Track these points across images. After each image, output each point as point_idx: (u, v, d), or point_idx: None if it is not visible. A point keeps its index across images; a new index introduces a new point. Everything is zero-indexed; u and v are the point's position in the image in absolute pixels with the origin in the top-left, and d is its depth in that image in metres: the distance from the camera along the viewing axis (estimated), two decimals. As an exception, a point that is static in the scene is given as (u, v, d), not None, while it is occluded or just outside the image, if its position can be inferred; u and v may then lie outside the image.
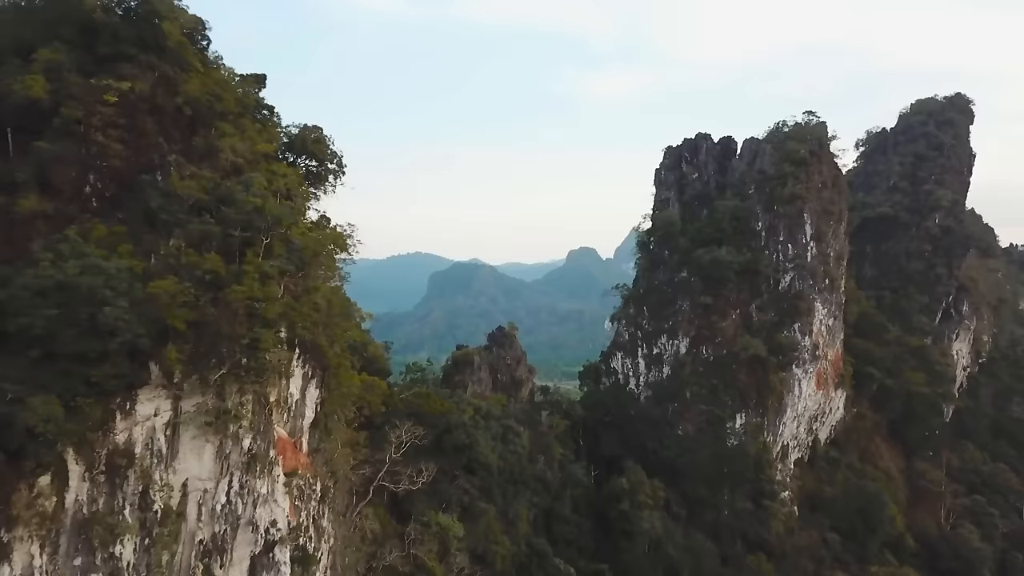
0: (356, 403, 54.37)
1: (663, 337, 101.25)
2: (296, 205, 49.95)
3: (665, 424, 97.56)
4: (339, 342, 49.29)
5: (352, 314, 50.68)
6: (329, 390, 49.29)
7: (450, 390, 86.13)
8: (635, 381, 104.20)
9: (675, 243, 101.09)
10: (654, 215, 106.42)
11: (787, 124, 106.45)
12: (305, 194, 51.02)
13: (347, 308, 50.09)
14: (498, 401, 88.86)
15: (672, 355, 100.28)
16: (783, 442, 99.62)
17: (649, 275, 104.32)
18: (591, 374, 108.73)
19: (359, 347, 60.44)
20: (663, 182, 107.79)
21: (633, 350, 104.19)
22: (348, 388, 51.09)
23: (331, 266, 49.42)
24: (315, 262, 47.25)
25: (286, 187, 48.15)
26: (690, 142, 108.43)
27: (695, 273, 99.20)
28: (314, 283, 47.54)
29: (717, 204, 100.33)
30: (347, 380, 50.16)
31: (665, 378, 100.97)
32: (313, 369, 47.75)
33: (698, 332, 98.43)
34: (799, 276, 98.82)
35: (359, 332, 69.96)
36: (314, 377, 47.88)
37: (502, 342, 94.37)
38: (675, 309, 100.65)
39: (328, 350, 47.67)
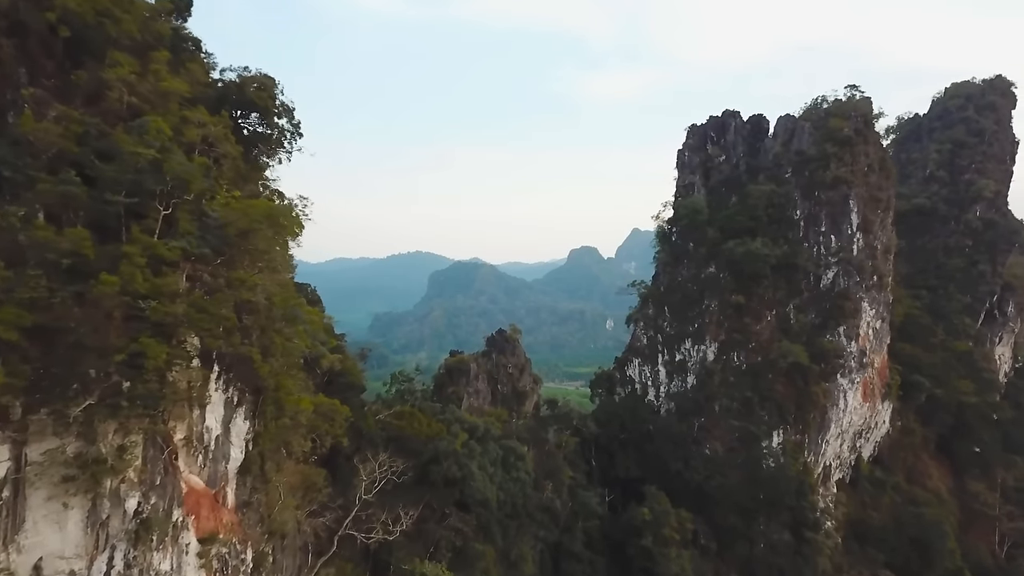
0: (311, 433, 40.77)
1: (687, 341, 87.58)
2: (223, 169, 36.36)
3: (690, 442, 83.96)
4: (281, 355, 35.65)
5: (299, 317, 36.91)
6: (266, 420, 35.70)
7: (441, 404, 72.62)
8: (654, 392, 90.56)
9: (701, 233, 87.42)
10: (676, 202, 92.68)
11: (827, 100, 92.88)
12: (236, 154, 37.38)
13: (293, 311, 36.39)
14: (498, 417, 75.33)
15: (698, 362, 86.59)
16: (825, 462, 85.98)
17: (671, 270, 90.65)
18: (604, 383, 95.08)
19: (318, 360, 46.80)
20: (686, 165, 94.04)
21: (652, 356, 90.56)
22: (296, 416, 37.48)
23: (272, 251, 35.75)
24: (245, 245, 33.62)
25: (205, 140, 34.51)
26: (716, 120, 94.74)
27: (725, 268, 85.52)
28: (245, 275, 33.92)
29: (750, 189, 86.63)
30: (293, 405, 36.56)
31: (690, 389, 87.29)
32: (241, 393, 34.20)
33: (728, 336, 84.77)
34: (843, 272, 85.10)
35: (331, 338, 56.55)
36: (242, 404, 34.34)
37: (503, 347, 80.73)
38: (701, 309, 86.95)
39: (263, 366, 34.04)
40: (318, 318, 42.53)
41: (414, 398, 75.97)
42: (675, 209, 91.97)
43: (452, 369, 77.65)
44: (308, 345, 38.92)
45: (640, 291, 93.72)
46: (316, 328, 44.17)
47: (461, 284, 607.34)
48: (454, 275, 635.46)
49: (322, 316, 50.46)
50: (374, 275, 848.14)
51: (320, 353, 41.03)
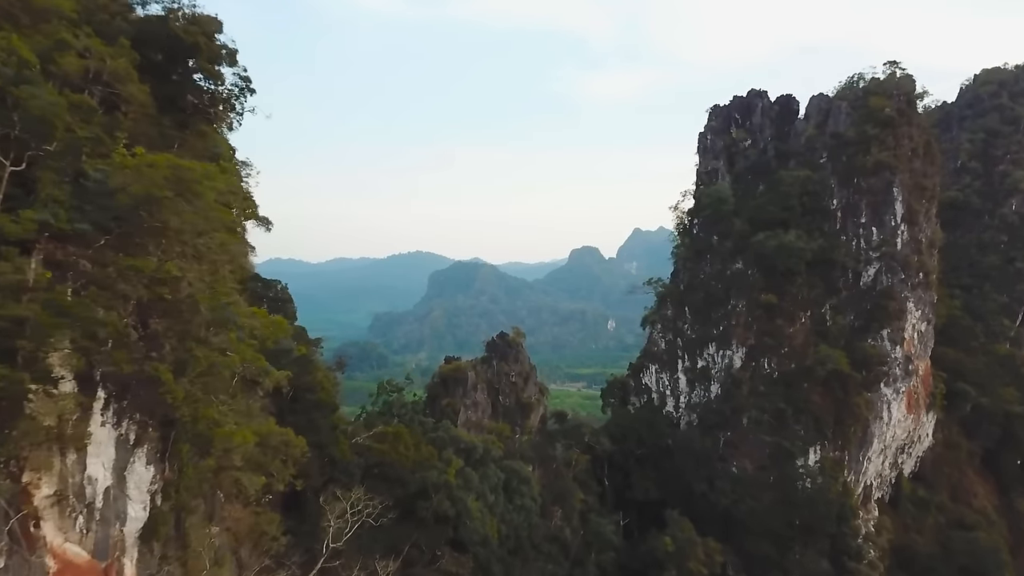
0: (256, 472, 30.84)
1: (711, 346, 77.71)
2: (126, 119, 26.52)
3: (715, 459, 74.13)
4: (205, 373, 25.74)
5: (232, 320, 27.03)
6: (183, 463, 25.82)
7: (435, 419, 62.80)
8: (673, 402, 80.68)
9: (727, 225, 77.54)
10: (698, 190, 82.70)
11: (863, 78, 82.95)
12: (145, 100, 27.51)
13: (224, 312, 26.55)
14: (499, 433, 65.54)
15: (723, 369, 76.71)
16: (866, 482, 76.16)
17: (692, 267, 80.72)
18: (616, 392, 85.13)
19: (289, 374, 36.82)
20: (709, 149, 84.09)
21: (671, 362, 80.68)
22: (229, 453, 27.62)
23: (193, 230, 25.81)
24: (150, 221, 23.75)
25: (96, 76, 24.65)
26: (741, 101, 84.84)
27: (753, 264, 75.71)
28: (149, 263, 24.06)
29: (782, 175, 76.73)
30: (223, 440, 26.67)
31: (714, 399, 77.43)
32: (142, 428, 24.33)
33: (758, 340, 74.89)
34: (886, 268, 75.26)
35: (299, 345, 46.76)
36: (144, 443, 24.46)
37: (504, 352, 70.86)
38: (727, 310, 77.07)
39: (176, 390, 24.15)
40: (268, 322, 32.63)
41: (403, 412, 66.16)
42: (697, 198, 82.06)
43: (447, 378, 67.82)
44: (248, 358, 29.06)
45: (657, 290, 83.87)
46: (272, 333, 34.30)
47: (461, 284, 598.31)
48: (454, 275, 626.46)
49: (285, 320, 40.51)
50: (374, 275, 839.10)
51: (261, 370, 31.23)
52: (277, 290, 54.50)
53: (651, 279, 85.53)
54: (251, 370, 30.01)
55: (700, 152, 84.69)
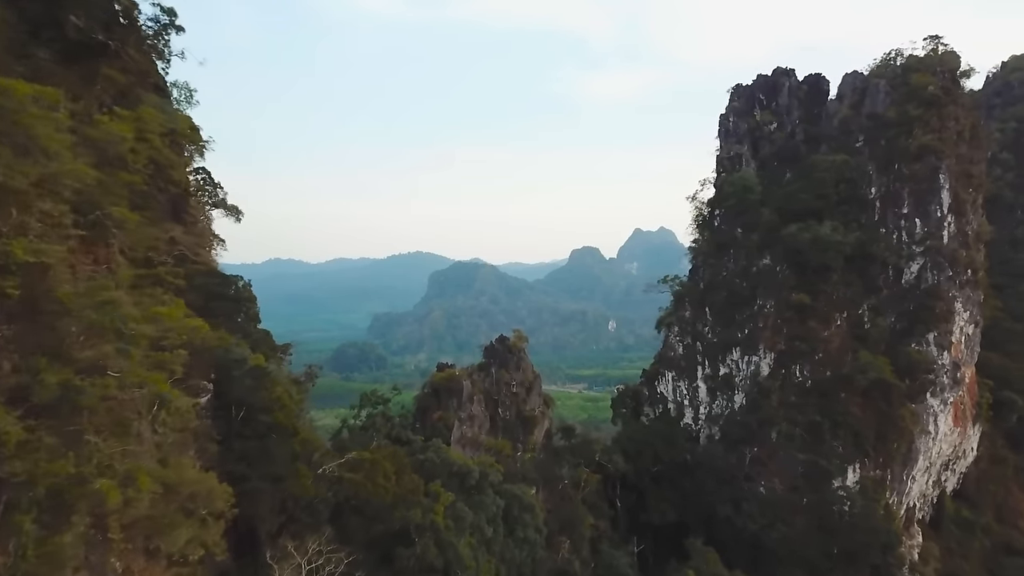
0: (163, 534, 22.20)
1: (734, 351, 69.10)
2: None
3: (741, 478, 65.53)
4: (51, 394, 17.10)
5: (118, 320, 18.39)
6: (24, 542, 17.14)
7: (424, 436, 54.26)
8: (692, 413, 72.04)
9: (753, 216, 68.92)
10: (719, 178, 73.94)
11: (901, 55, 74.35)
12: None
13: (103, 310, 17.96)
14: (499, 451, 56.94)
15: (749, 377, 68.12)
16: (909, 503, 67.57)
17: (714, 263, 72.04)
18: (628, 401, 76.40)
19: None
20: (731, 132, 75.40)
21: (690, 369, 72.05)
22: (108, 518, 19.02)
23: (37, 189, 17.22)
24: None
25: None
26: (766, 80, 76.17)
27: (783, 259, 67.13)
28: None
29: (816, 160, 68.10)
30: (92, 499, 18.06)
31: (738, 410, 68.83)
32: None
33: (788, 344, 66.29)
34: (932, 264, 66.68)
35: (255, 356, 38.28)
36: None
37: (504, 359, 62.20)
38: (753, 311, 68.45)
39: (11, 432, 15.54)
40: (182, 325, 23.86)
41: (388, 427, 57.65)
42: (718, 187, 73.31)
43: (440, 388, 59.19)
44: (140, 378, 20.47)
45: (673, 289, 75.19)
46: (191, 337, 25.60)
47: (461, 284, 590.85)
48: (454, 275, 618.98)
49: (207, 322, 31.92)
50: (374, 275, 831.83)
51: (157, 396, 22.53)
52: (236, 287, 45.95)
53: (666, 276, 76.90)
54: (148, 393, 21.31)
55: (721, 136, 76.04)
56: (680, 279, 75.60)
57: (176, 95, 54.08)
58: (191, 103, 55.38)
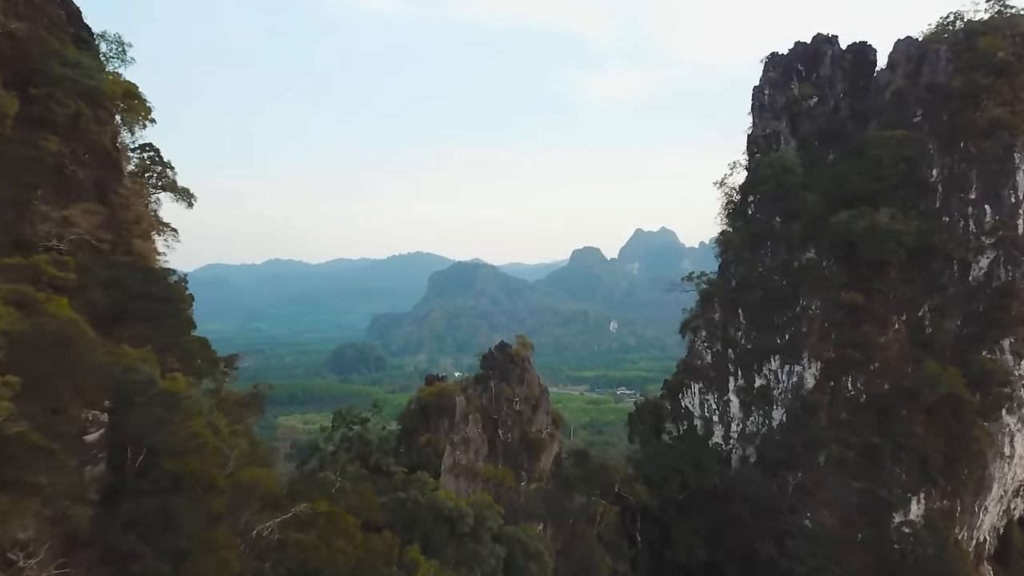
0: None
1: (773, 360, 58.75)
2: None
3: (784, 510, 55.05)
4: None
5: None
6: None
7: (409, 464, 44.03)
8: (723, 431, 61.64)
9: (795, 202, 58.54)
10: (753, 160, 63.50)
11: (961, 18, 64.03)
12: None
13: None
14: (499, 482, 46.68)
15: (791, 390, 57.77)
16: (979, 537, 57.22)
17: (748, 257, 61.61)
18: (647, 416, 65.83)
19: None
20: (767, 107, 64.94)
21: (720, 380, 61.65)
22: None
23: None
24: None
25: None
26: (805, 48, 65.75)
27: (832, 252, 56.81)
28: None
29: (870, 136, 57.66)
30: None
31: (778, 428, 58.46)
32: None
33: (839, 352, 55.92)
34: (1006, 258, 56.34)
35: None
36: None
37: (506, 370, 51.74)
38: (795, 313, 58.10)
39: None
40: None
41: (366, 453, 47.39)
42: (752, 169, 62.84)
43: (429, 406, 48.87)
44: None
45: (700, 287, 64.74)
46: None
47: (462, 285, 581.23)
48: (454, 276, 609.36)
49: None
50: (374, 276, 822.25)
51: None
52: (166, 285, 35.70)
53: (691, 273, 66.33)
54: None
55: (755, 111, 65.54)
56: (708, 276, 65.16)
57: (105, 49, 43.67)
58: (125, 60, 44.99)
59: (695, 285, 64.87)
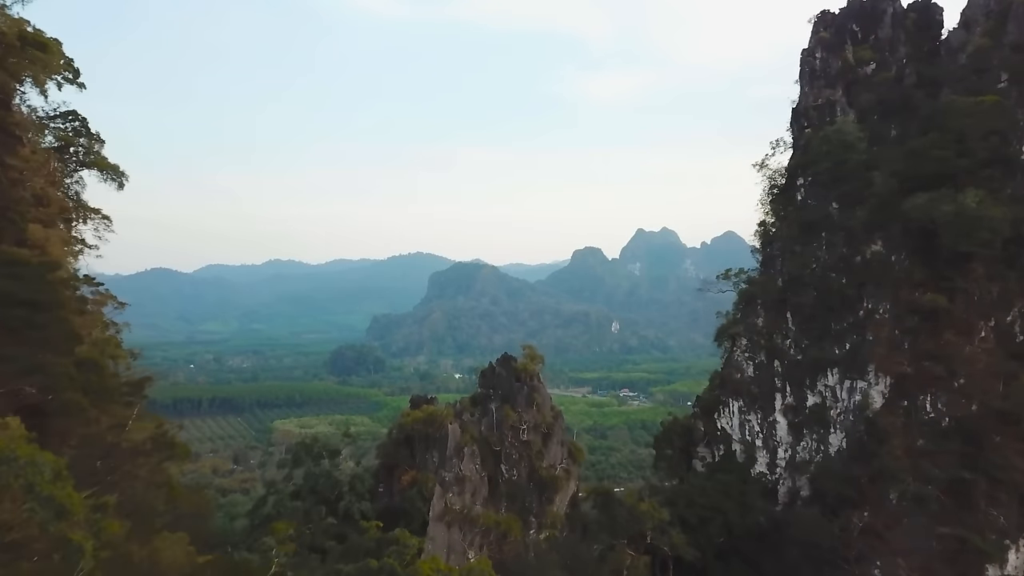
0: None
1: (830, 374, 48.34)
2: None
3: (848, 558, 44.62)
4: None
5: None
6: None
7: (379, 524, 33.54)
8: (768, 459, 51.14)
9: (858, 184, 48.07)
10: (804, 135, 52.94)
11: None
12: None
13: None
14: (503, 531, 36.24)
15: (853, 410, 47.34)
16: (1083, 590, 46.73)
17: (799, 250, 51.08)
18: (675, 439, 55.21)
19: None
20: (818, 74, 54.39)
21: (764, 397, 51.19)
22: None
23: None
24: None
25: None
26: (861, 7, 55.30)
27: (903, 244, 46.43)
28: None
29: (952, 103, 47.09)
30: None
31: (837, 456, 47.99)
32: None
33: (915, 365, 45.45)
34: (1114, 251, 45.90)
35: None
36: None
37: (511, 389, 41.25)
38: (859, 318, 47.66)
39: None
40: None
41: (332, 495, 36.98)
42: (803, 145, 52.15)
43: (414, 436, 38.43)
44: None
45: (739, 286, 54.31)
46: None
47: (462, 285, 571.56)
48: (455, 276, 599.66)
49: None
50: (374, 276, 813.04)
51: None
52: (40, 286, 25.42)
53: (728, 270, 55.86)
54: None
55: (805, 79, 54.97)
56: (748, 273, 54.67)
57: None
58: (24, -1, 34.93)
59: (733, 284, 54.41)
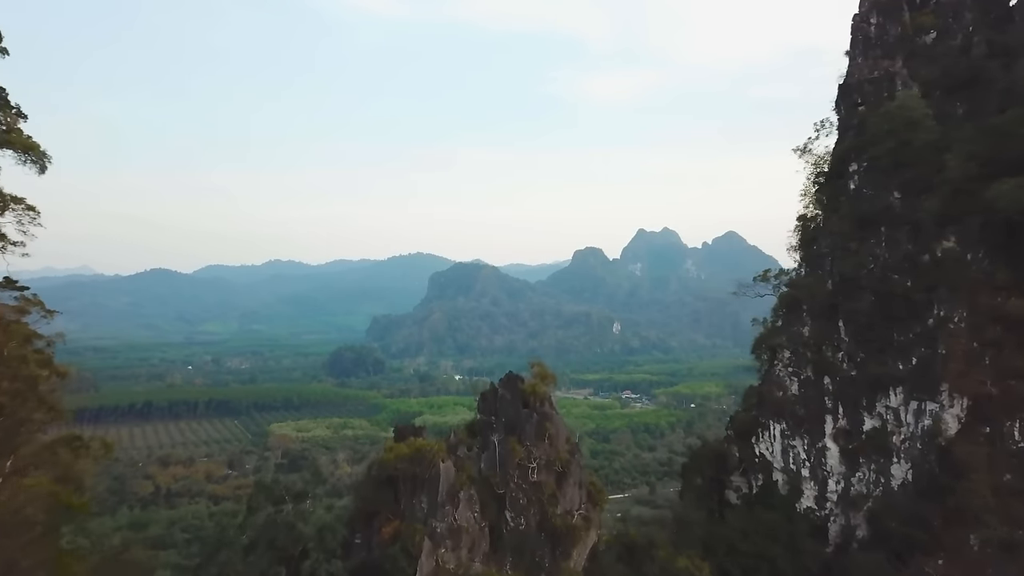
0: None
1: (893, 393, 40.60)
2: None
3: (922, 616, 36.91)
4: None
5: None
6: None
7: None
8: (815, 492, 43.31)
9: (927, 169, 40.35)
10: (855, 113, 45.14)
11: None
12: None
13: None
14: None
15: (921, 437, 39.61)
16: None
17: (856, 248, 43.27)
18: (705, 467, 47.32)
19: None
20: (872, 42, 46.56)
21: (812, 420, 43.39)
22: None
23: None
24: None
25: None
26: (918, -35, 47.68)
27: (982, 240, 38.69)
28: None
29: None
30: None
31: (901, 491, 40.23)
32: None
33: (998, 384, 37.73)
34: None
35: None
36: None
37: (517, 417, 33.46)
38: (927, 328, 39.92)
39: None
40: None
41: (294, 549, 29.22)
42: (854, 127, 44.36)
43: (398, 479, 30.66)
44: None
45: (779, 288, 46.52)
46: None
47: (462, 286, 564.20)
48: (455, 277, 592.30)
49: None
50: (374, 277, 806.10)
51: None
52: None
53: (767, 271, 48.02)
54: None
55: (857, 48, 47.08)
56: (789, 275, 46.87)
57: None
58: None
59: (772, 287, 46.62)
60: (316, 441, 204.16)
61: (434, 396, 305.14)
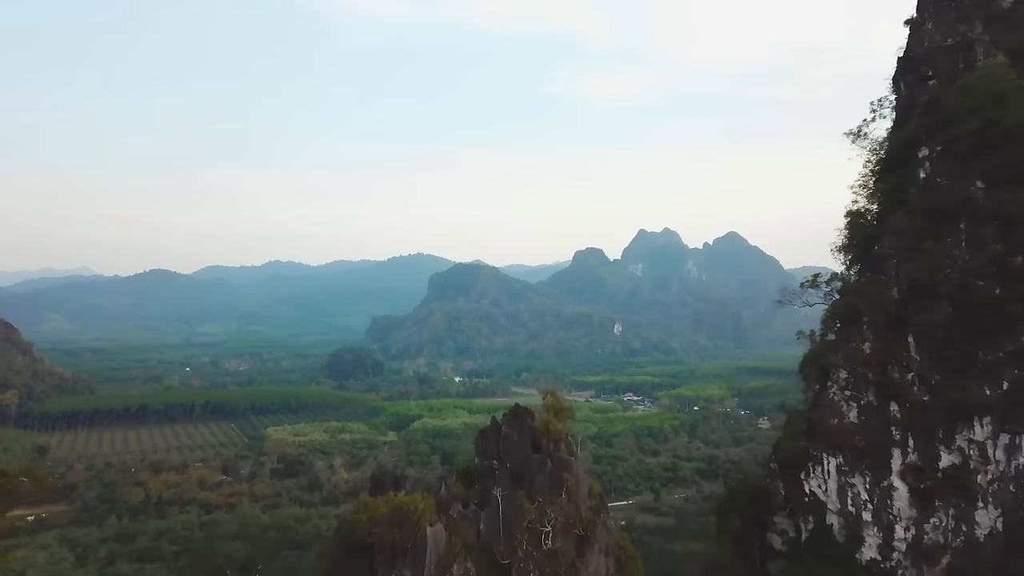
0: None
1: (978, 425, 33.42)
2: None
3: None
4: None
5: None
6: None
7: None
8: (879, 538, 36.05)
9: (1017, 151, 33.20)
10: (924, 88, 37.94)
11: None
12: None
13: None
14: None
15: (1012, 478, 32.44)
16: None
17: (933, 248, 36.10)
18: (744, 506, 40.09)
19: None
20: (945, 4, 39.44)
21: (876, 453, 36.15)
22: None
23: None
24: None
25: None
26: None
27: (1093, 240, 31.47)
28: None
29: None
30: None
31: (988, 541, 33.06)
32: None
33: (1116, 417, 30.61)
34: None
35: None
36: None
37: (525, 463, 26.31)
38: (1021, 344, 32.76)
39: None
40: None
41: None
42: (930, 103, 37.22)
43: (375, 546, 23.45)
44: None
45: (830, 295, 39.36)
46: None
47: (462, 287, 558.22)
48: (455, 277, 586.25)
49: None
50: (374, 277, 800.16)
51: None
52: None
53: (816, 276, 40.79)
54: None
55: (926, 11, 39.46)
56: (836, 276, 39.64)
57: None
58: None
59: (823, 295, 39.41)
60: (313, 445, 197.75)
61: (433, 399, 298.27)
